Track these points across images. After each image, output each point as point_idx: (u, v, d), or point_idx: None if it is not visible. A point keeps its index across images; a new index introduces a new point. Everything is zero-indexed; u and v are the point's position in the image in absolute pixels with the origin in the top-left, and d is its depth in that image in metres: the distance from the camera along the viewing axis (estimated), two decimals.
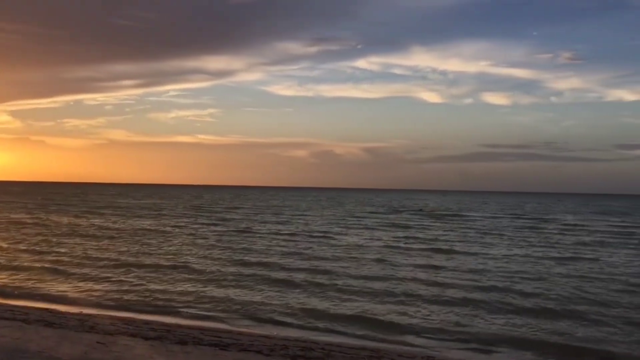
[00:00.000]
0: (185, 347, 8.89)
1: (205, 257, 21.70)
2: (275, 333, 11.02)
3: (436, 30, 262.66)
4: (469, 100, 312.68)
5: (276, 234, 31.88)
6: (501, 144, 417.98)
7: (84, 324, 10.36)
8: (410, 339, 10.82)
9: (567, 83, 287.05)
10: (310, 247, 25.36)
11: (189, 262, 19.95)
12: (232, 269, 18.76)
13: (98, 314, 12.05)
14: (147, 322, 11.32)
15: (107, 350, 8.16)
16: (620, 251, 26.63)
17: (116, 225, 35.43)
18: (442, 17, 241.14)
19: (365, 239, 30.23)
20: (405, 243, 28.20)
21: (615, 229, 41.23)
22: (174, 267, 18.77)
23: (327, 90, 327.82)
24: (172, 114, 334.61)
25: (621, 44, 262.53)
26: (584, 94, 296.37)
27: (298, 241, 28.07)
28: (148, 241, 26.97)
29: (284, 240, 28.58)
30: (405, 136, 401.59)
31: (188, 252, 23.00)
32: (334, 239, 29.29)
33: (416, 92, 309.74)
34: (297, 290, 15.30)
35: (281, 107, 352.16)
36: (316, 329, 11.56)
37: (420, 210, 70.02)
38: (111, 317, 11.64)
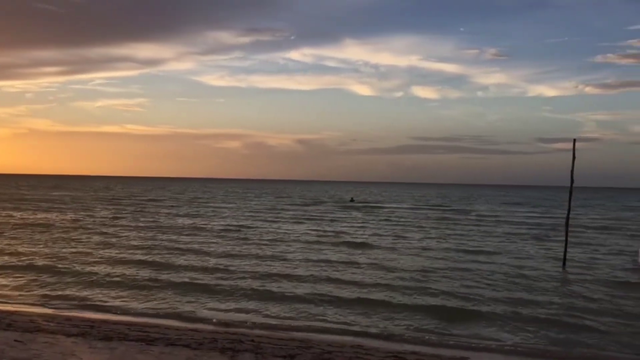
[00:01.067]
0: (110, 343, 8.64)
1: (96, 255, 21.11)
2: (203, 327, 10.89)
3: (368, 23, 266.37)
4: (399, 94, 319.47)
5: (182, 228, 30.45)
6: (431, 136, 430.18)
7: (1, 322, 9.86)
8: (337, 328, 10.97)
9: (492, 78, 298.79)
10: (216, 243, 23.99)
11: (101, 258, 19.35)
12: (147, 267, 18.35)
13: (15, 311, 11.49)
14: (69, 319, 10.90)
15: (25, 348, 7.81)
16: (523, 242, 28.00)
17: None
18: (374, 11, 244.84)
19: (279, 231, 29.91)
20: (319, 236, 27.62)
21: (522, 220, 43.26)
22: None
23: (260, 81, 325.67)
24: (99, 103, 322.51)
25: (542, 41, 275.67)
26: (508, 89, 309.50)
27: (204, 236, 26.66)
28: (61, 235, 25.97)
29: (191, 235, 26.94)
30: (337, 128, 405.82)
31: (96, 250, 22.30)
32: (245, 233, 28.62)
33: (348, 84, 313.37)
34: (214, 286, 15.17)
35: (213, 98, 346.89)
36: (245, 322, 11.52)
37: (352, 200, 70.99)
38: (30, 314, 11.14)
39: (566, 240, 20.34)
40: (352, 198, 77.10)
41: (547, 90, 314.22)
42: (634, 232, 32.87)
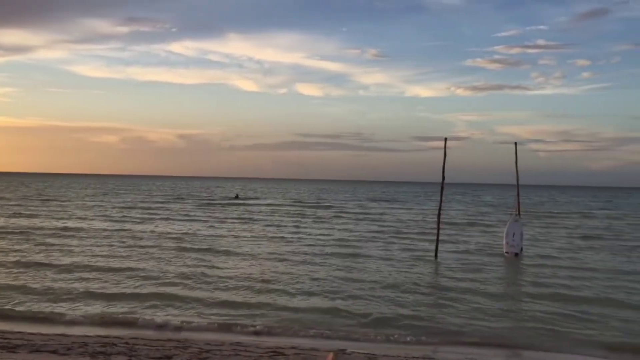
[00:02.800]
0: None
1: None
2: (72, 332, 10.27)
3: (253, 19, 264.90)
4: (283, 90, 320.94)
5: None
6: (314, 133, 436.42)
7: None
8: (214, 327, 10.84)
9: (373, 78, 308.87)
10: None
11: None
12: None
13: None
14: None
15: None
16: (389, 236, 29.35)
17: None
18: (259, 6, 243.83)
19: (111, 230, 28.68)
20: (151, 235, 25.95)
21: (391, 215, 45.35)
22: None
23: (139, 73, 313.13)
24: None
25: (419, 44, 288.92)
26: (387, 89, 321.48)
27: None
28: None
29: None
30: (221, 123, 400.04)
31: None
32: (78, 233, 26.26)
33: (232, 79, 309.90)
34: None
35: (88, 89, 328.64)
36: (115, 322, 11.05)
37: (237, 197, 70.35)
38: None
39: (438, 233, 21.51)
40: (236, 194, 76.42)
41: (423, 91, 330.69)
42: (496, 224, 35.35)
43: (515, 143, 22.69)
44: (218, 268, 17.35)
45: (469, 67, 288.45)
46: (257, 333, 10.53)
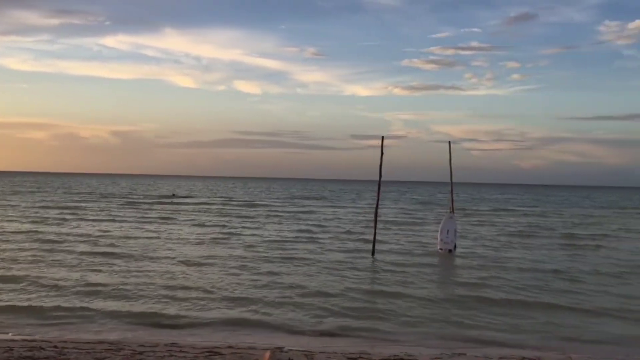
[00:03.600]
0: None
1: None
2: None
3: (190, 14, 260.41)
4: (222, 87, 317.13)
5: None
6: (253, 131, 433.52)
7: None
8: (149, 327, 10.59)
9: (312, 76, 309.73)
10: None
11: None
12: None
13: None
14: None
15: None
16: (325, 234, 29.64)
17: None
18: (196, 1, 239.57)
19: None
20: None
21: (296, 211, 45.83)
22: None
23: (70, 68, 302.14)
24: None
25: (357, 43, 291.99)
26: (326, 87, 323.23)
27: None
28: None
29: None
30: (157, 120, 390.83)
31: None
32: None
33: (168, 75, 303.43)
34: None
35: (15, 83, 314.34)
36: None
37: (174, 196, 68.89)
38: None
39: (375, 231, 21.81)
40: (173, 193, 74.95)
41: (361, 90, 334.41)
42: (431, 222, 36.18)
43: (449, 142, 23.33)
44: (132, 273, 15.84)
45: (405, 67, 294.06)
46: (197, 333, 10.33)
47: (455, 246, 22.10)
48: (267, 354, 8.19)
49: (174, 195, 70.75)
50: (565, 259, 20.85)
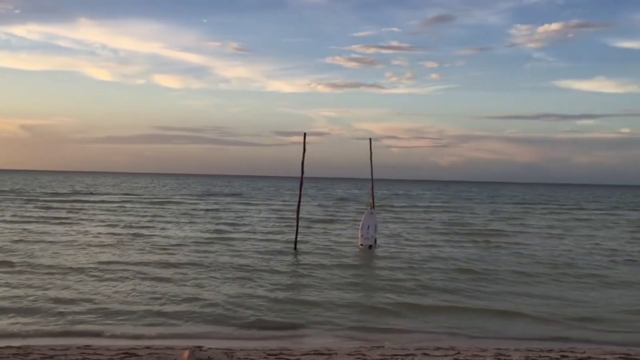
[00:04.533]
0: None
1: None
2: None
3: (107, 4, 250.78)
4: (141, 81, 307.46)
5: None
6: (174, 126, 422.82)
7: None
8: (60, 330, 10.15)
9: (234, 72, 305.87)
10: None
11: None
12: None
13: None
14: None
15: None
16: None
17: None
18: None
19: None
20: None
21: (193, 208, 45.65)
22: None
23: None
24: None
25: (280, 40, 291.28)
26: (249, 83, 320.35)
27: None
28: None
29: None
30: (71, 114, 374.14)
31: None
32: None
33: (84, 67, 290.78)
34: None
35: None
36: None
37: (91, 193, 66.05)
38: None
39: (297, 227, 21.89)
40: (91, 191, 72.00)
41: (285, 87, 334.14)
42: (352, 218, 36.75)
43: (370, 139, 23.70)
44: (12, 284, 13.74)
45: (328, 64, 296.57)
46: (111, 335, 9.95)
47: (375, 241, 22.53)
48: (186, 353, 8.03)
49: (91, 192, 67.97)
50: (476, 256, 21.35)
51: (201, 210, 42.56)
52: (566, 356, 8.82)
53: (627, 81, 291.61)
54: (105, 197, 57.33)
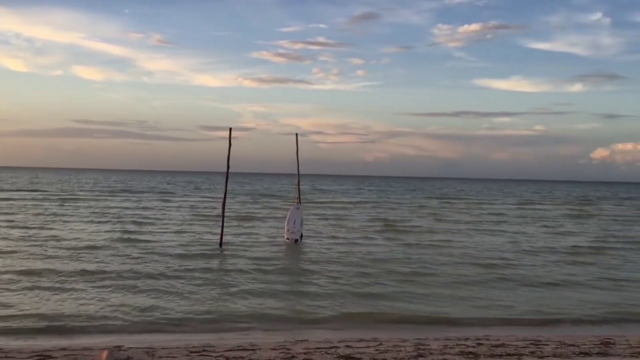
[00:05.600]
0: None
1: None
2: None
3: None
4: (58, 72, 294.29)
5: None
6: (94, 120, 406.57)
7: None
8: None
9: (158, 64, 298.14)
10: None
11: None
12: None
13: None
14: None
15: None
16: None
17: None
18: None
19: None
20: None
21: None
22: None
23: None
24: None
25: (206, 33, 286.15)
26: (173, 77, 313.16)
27: None
28: None
29: None
30: None
31: None
32: None
33: None
34: None
35: None
36: None
37: None
38: None
39: (222, 222, 21.64)
40: None
41: (210, 81, 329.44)
42: (278, 212, 36.75)
43: (297, 134, 23.74)
44: None
45: (255, 59, 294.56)
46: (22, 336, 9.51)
47: (301, 236, 22.63)
48: (105, 353, 7.79)
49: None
50: (398, 252, 21.49)
51: (114, 207, 40.43)
52: (482, 344, 9.20)
53: (541, 81, 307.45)
54: (12, 194, 52.44)
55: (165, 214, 35.49)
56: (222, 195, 22.51)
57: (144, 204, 44.35)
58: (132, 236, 23.12)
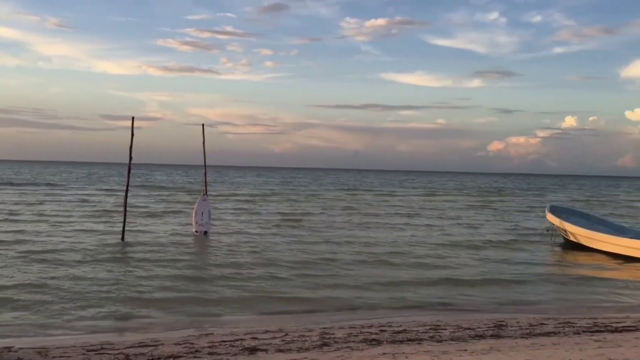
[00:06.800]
0: None
1: None
2: None
3: None
4: None
5: None
6: None
7: None
8: None
9: (55, 49, 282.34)
10: None
11: None
12: None
13: None
14: None
15: None
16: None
17: None
18: None
19: None
20: None
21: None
22: None
23: None
24: None
25: (107, 18, 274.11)
26: (72, 63, 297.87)
27: None
28: None
29: None
30: None
31: None
32: None
33: None
34: None
35: None
36: None
37: None
38: None
39: (124, 215, 20.87)
40: None
41: (113, 68, 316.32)
42: (185, 204, 35.97)
43: (203, 124, 23.30)
44: None
45: (160, 46, 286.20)
46: None
47: (210, 228, 22.27)
48: None
49: None
50: (301, 243, 21.51)
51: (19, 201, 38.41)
52: (384, 330, 9.46)
53: (443, 76, 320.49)
54: None
55: (56, 209, 33.64)
56: (124, 188, 21.72)
57: (26, 198, 40.84)
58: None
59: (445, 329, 9.53)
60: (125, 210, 20.94)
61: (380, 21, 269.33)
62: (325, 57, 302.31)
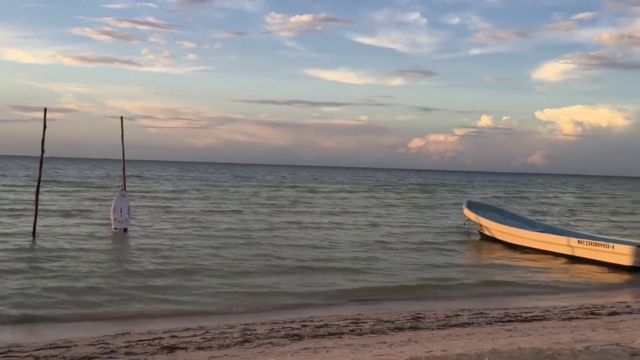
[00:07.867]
0: None
1: None
2: None
3: None
4: None
5: None
6: None
7: None
8: None
9: None
10: None
11: None
12: None
13: None
14: None
15: None
16: None
17: None
18: None
19: None
20: None
21: None
22: None
23: None
24: None
25: (17, 4, 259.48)
26: None
27: None
28: None
29: None
30: None
31: None
32: None
33: None
34: None
35: None
36: None
37: None
38: None
39: (36, 211, 19.91)
40: None
41: (24, 57, 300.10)
42: (102, 200, 34.71)
43: (122, 117, 22.46)
44: None
45: (76, 35, 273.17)
46: None
47: (129, 225, 21.58)
48: None
49: None
50: (217, 242, 21.23)
51: None
52: (306, 325, 9.51)
53: (366, 73, 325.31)
54: None
55: None
56: (37, 182, 20.66)
57: None
58: None
59: (366, 323, 9.69)
60: (36, 206, 19.93)
61: (305, 17, 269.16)
62: (249, 51, 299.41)
